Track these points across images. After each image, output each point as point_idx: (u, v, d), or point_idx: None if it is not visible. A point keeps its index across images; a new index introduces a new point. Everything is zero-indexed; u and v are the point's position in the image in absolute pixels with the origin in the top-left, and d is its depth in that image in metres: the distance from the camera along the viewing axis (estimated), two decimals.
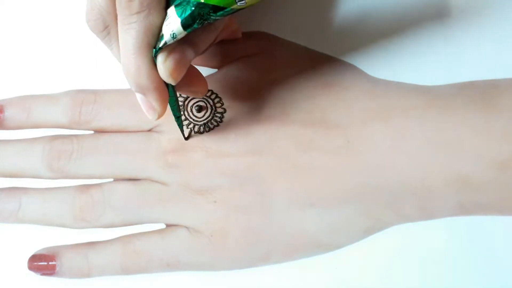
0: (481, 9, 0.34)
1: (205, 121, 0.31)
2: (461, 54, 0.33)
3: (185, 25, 0.24)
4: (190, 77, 0.28)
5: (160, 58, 0.25)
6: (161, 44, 0.24)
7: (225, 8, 0.24)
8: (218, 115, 0.32)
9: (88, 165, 0.31)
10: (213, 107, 0.32)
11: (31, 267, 0.31)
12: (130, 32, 0.24)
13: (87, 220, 0.31)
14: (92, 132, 0.32)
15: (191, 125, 0.31)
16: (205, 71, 0.33)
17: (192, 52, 0.26)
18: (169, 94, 0.27)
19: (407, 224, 0.31)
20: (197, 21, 0.24)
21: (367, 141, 0.30)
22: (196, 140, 0.31)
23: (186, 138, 0.31)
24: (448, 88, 0.32)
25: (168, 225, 0.31)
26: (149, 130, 0.32)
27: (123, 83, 0.33)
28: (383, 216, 0.30)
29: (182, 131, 0.30)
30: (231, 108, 0.32)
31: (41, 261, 0.31)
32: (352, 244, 0.31)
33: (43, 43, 0.35)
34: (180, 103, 0.32)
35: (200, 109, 0.32)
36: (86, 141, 0.31)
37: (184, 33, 0.24)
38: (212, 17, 0.24)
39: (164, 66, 0.25)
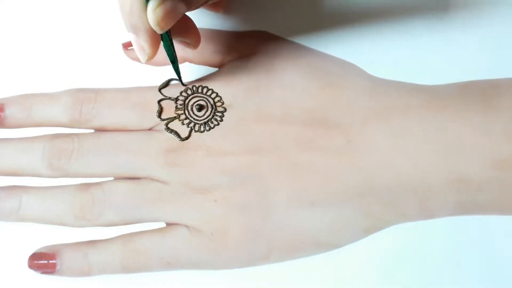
0: (481, 9, 0.34)
1: (205, 120, 0.31)
2: (461, 54, 0.33)
3: None
4: (184, 28, 0.29)
5: (151, 5, 0.25)
6: None
7: None
8: (219, 114, 0.32)
9: (89, 164, 0.31)
10: (214, 106, 0.32)
11: (32, 266, 0.30)
12: None
13: (87, 219, 0.31)
14: (93, 131, 0.32)
15: (192, 124, 0.31)
16: (205, 70, 0.33)
17: (183, 6, 0.26)
18: (164, 39, 0.28)
19: (407, 224, 0.31)
20: None
21: (367, 141, 0.30)
22: (196, 139, 0.31)
23: (186, 138, 0.31)
24: (448, 88, 0.32)
25: (168, 224, 0.31)
26: (150, 129, 0.32)
27: (124, 82, 0.33)
28: (383, 215, 0.30)
29: (178, 76, 0.31)
30: (231, 107, 0.32)
31: (42, 260, 0.30)
32: (352, 243, 0.31)
33: (43, 43, 0.35)
34: (181, 102, 0.32)
35: (200, 108, 0.32)
36: (87, 140, 0.31)
37: None
38: None
39: (154, 13, 0.25)
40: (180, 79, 0.32)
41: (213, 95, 0.32)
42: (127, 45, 0.34)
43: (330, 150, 0.30)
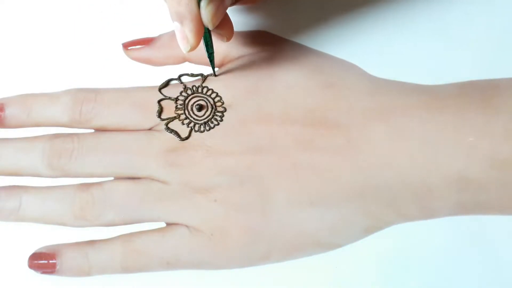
0: (481, 9, 0.34)
1: (205, 120, 0.32)
2: (461, 54, 0.33)
3: None
4: (222, 20, 0.29)
5: (203, 3, 0.26)
6: None
7: None
8: (219, 114, 0.32)
9: (89, 164, 0.31)
10: (214, 106, 0.32)
11: (32, 266, 0.30)
12: None
13: (87, 219, 0.31)
14: (93, 130, 0.32)
15: (192, 124, 0.31)
16: (206, 70, 0.33)
17: (230, 0, 0.28)
18: (205, 30, 0.29)
19: (407, 224, 0.31)
20: None
21: (368, 141, 0.30)
22: (196, 139, 0.31)
23: (186, 138, 0.31)
24: (449, 88, 0.32)
25: (168, 224, 0.31)
26: (150, 129, 0.32)
27: (124, 82, 0.33)
28: (383, 215, 0.30)
29: (212, 67, 0.32)
30: (231, 107, 0.32)
31: (42, 260, 0.30)
32: (352, 243, 0.31)
33: (43, 43, 0.35)
34: (181, 102, 0.32)
35: (200, 108, 0.32)
36: (87, 140, 0.31)
37: None
38: None
39: (206, 10, 0.26)
40: (214, 71, 0.32)
41: (213, 95, 0.32)
42: (127, 45, 0.34)
43: (330, 150, 0.30)
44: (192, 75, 0.33)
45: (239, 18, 0.35)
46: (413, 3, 0.34)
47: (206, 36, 0.30)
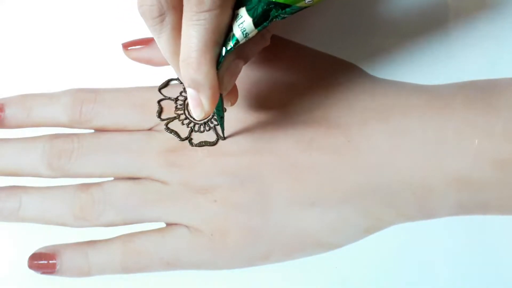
0: (481, 9, 0.34)
1: (205, 120, 0.31)
2: (461, 54, 0.33)
3: (257, 23, 0.25)
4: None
5: (222, 71, 0.26)
6: (232, 44, 0.25)
7: (292, 5, 0.25)
8: None
9: (89, 164, 0.31)
10: None
11: (31, 266, 0.31)
12: (197, 29, 0.24)
13: (87, 219, 0.31)
14: (93, 131, 0.32)
15: (192, 124, 0.31)
16: None
17: (242, 63, 0.27)
18: None
19: (407, 224, 0.31)
20: (268, 19, 0.25)
21: (368, 141, 0.30)
22: (196, 139, 0.31)
23: (187, 138, 0.31)
24: (448, 88, 0.32)
25: (168, 224, 0.31)
26: (150, 129, 0.32)
27: (124, 82, 0.33)
28: (383, 215, 0.30)
29: (222, 130, 0.31)
30: (231, 108, 0.32)
31: (41, 260, 0.30)
32: (352, 243, 0.31)
33: (43, 43, 0.35)
34: (181, 102, 0.32)
35: None
36: (87, 140, 0.31)
37: (255, 31, 0.25)
38: (281, 15, 0.25)
39: (224, 79, 0.26)
40: (223, 132, 0.31)
41: None
42: (127, 45, 0.34)
43: (330, 150, 0.30)
44: None
45: None
46: (413, 3, 0.34)
47: (219, 100, 0.28)
